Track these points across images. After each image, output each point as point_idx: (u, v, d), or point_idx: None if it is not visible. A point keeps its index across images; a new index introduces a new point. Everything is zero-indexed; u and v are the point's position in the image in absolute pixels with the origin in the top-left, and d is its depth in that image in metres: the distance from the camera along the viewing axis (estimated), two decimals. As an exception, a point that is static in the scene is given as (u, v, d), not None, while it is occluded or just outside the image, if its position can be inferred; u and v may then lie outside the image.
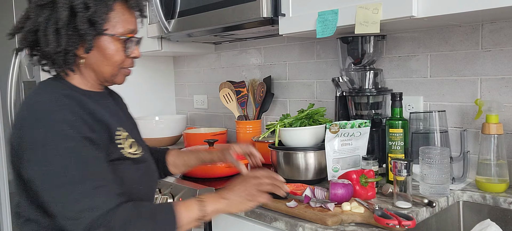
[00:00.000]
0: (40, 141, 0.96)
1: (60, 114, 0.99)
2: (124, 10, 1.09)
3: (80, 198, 0.95)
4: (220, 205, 1.10)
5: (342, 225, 1.16)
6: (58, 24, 1.02)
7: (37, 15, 1.03)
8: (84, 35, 1.03)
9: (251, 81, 2.22)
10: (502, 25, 1.45)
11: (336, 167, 1.49)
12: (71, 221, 0.95)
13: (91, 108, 1.06)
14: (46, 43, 1.03)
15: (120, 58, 1.10)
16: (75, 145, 0.97)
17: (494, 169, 1.39)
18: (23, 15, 1.07)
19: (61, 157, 0.95)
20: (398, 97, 1.45)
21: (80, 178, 0.96)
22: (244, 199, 1.12)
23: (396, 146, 1.43)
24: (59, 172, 0.95)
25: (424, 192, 1.38)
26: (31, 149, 0.97)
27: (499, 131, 1.38)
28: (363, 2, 1.34)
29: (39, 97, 1.04)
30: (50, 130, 0.97)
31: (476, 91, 1.52)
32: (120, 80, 1.16)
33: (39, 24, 1.03)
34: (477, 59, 1.51)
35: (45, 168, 0.96)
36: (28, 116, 1.00)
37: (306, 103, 2.04)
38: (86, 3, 1.01)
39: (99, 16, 1.02)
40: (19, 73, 2.61)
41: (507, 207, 1.33)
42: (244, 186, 1.13)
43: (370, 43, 1.63)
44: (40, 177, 0.97)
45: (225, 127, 2.48)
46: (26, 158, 0.98)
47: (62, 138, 0.96)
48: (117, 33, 1.07)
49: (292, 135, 1.57)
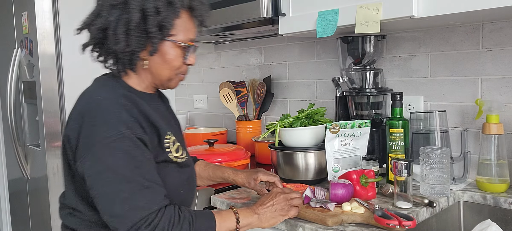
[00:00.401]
0: (97, 138, 0.99)
1: (118, 114, 1.02)
2: (188, 18, 1.12)
3: (128, 197, 0.97)
4: (253, 219, 1.14)
5: (342, 225, 1.16)
6: (129, 25, 1.05)
7: (108, 13, 1.06)
8: (152, 38, 1.06)
9: (251, 81, 2.22)
10: (503, 25, 1.45)
11: (336, 167, 1.49)
12: (116, 218, 0.98)
13: (145, 110, 1.08)
14: (115, 42, 1.06)
15: (179, 64, 1.14)
16: (129, 145, 1.00)
17: (495, 169, 1.38)
18: (93, 12, 1.11)
19: (115, 155, 0.98)
20: (399, 97, 1.45)
21: (130, 177, 0.99)
22: (276, 213, 1.17)
23: (397, 146, 1.43)
24: (111, 170, 0.98)
25: (425, 192, 1.38)
26: (87, 144, 1.00)
27: (500, 131, 1.37)
28: (363, 2, 1.34)
29: (100, 95, 1.07)
30: (108, 128, 0.99)
31: (476, 91, 1.52)
32: (174, 85, 1.19)
33: (110, 23, 1.06)
34: (477, 59, 1.51)
35: (98, 164, 0.99)
36: (88, 112, 1.03)
37: (306, 103, 2.04)
38: (157, 8, 1.05)
39: (168, 22, 1.06)
40: (19, 73, 2.61)
41: (508, 207, 1.33)
42: (275, 201, 1.18)
43: (371, 43, 1.63)
44: (92, 173, 0.99)
45: (225, 127, 2.48)
46: (81, 153, 1.01)
47: (118, 138, 0.99)
48: (179, 40, 1.11)
49: (292, 135, 1.57)
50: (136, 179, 0.99)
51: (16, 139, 2.60)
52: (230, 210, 1.14)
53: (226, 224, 1.10)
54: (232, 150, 1.83)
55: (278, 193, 1.20)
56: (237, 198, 1.43)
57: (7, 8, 2.67)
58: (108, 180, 0.98)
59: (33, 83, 2.45)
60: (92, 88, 1.12)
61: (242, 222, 1.12)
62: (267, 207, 1.17)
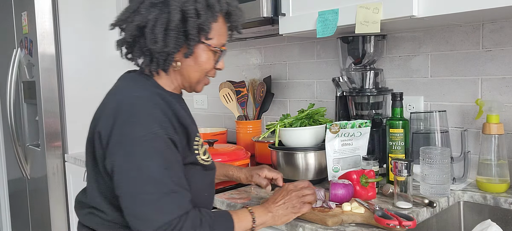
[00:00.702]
0: (130, 136, 0.97)
1: (153, 113, 1.00)
2: (223, 23, 1.13)
3: (155, 200, 0.96)
4: (267, 217, 1.14)
5: (343, 225, 1.16)
6: (168, 25, 1.04)
7: (147, 11, 1.05)
8: (189, 40, 1.06)
9: (251, 81, 2.22)
10: (503, 25, 1.45)
11: (337, 167, 1.49)
12: (140, 220, 0.96)
13: (177, 110, 1.07)
14: (153, 41, 1.04)
15: (209, 67, 1.14)
16: (161, 145, 0.98)
17: (495, 169, 1.38)
18: (130, 8, 1.09)
19: (147, 155, 0.97)
20: (399, 97, 1.45)
21: (160, 179, 0.97)
22: (288, 211, 1.16)
23: (397, 146, 1.43)
24: (141, 170, 0.96)
25: (425, 192, 1.38)
26: (120, 142, 0.98)
27: (500, 131, 1.37)
28: (363, 2, 1.33)
29: (134, 92, 1.05)
30: (142, 127, 0.98)
31: (476, 91, 1.52)
32: (200, 88, 1.19)
33: (148, 21, 1.04)
34: (477, 59, 1.51)
35: (128, 163, 0.97)
36: (122, 110, 1.01)
37: (306, 103, 2.04)
38: (197, 10, 1.04)
39: (206, 25, 1.06)
40: (19, 73, 2.61)
41: (508, 208, 1.33)
42: (287, 198, 1.18)
43: (371, 43, 1.63)
44: (121, 171, 0.98)
45: (225, 127, 2.48)
46: (112, 150, 0.99)
47: (151, 137, 0.97)
48: (213, 44, 1.11)
49: (292, 135, 1.57)
50: (165, 182, 0.98)
51: (16, 139, 2.60)
52: (245, 209, 1.13)
53: (243, 223, 1.09)
54: (232, 150, 1.83)
55: (290, 191, 1.20)
56: (237, 198, 1.43)
57: (7, 8, 2.67)
58: (137, 180, 0.96)
59: (33, 83, 2.45)
60: (123, 86, 1.10)
61: (258, 221, 1.12)
62: (279, 205, 1.17)
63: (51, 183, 2.43)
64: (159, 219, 0.95)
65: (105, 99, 1.09)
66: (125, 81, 1.12)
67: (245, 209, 1.13)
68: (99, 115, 1.06)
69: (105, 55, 2.53)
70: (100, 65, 2.51)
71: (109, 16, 2.67)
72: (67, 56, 2.42)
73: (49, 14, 2.37)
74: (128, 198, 0.98)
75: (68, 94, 2.43)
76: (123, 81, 1.12)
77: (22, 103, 2.66)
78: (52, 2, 2.37)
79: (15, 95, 2.61)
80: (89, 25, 2.48)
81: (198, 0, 1.05)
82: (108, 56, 2.54)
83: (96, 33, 2.50)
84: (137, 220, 0.97)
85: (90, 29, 2.49)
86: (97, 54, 2.51)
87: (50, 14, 2.37)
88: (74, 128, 2.45)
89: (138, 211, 0.96)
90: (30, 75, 2.49)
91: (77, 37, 2.44)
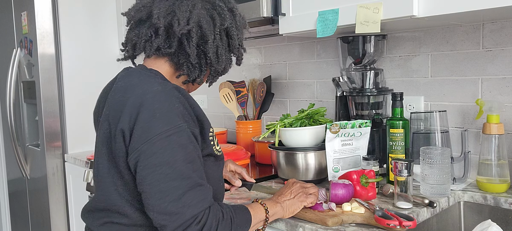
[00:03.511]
0: (155, 130, 0.96)
1: (175, 107, 1.00)
2: None
3: (182, 194, 0.95)
4: (277, 208, 1.17)
5: (343, 225, 1.16)
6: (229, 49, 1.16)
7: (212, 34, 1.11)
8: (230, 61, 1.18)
9: (251, 81, 2.22)
10: (503, 25, 1.45)
11: (337, 167, 1.49)
12: (167, 215, 0.95)
13: (192, 103, 1.07)
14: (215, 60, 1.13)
15: None
16: (185, 139, 0.99)
17: (495, 169, 1.38)
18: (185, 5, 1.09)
19: (172, 150, 0.96)
20: (399, 97, 1.45)
21: (186, 174, 0.97)
22: (295, 201, 1.20)
23: (397, 146, 1.43)
24: (168, 165, 0.96)
25: (425, 192, 1.38)
26: (145, 137, 0.96)
27: (500, 131, 1.37)
28: (363, 2, 1.33)
29: (153, 86, 1.03)
30: (166, 122, 0.97)
31: (477, 91, 1.52)
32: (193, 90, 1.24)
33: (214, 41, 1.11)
34: (478, 59, 1.51)
35: (155, 158, 0.95)
36: (145, 105, 0.99)
37: (306, 103, 2.03)
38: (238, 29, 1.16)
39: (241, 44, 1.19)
40: (18, 73, 2.61)
41: (508, 208, 1.33)
42: (292, 190, 1.23)
43: (371, 43, 1.63)
44: (148, 167, 0.96)
45: (225, 127, 2.48)
46: (136, 146, 0.97)
47: (176, 131, 0.97)
48: None
49: (292, 135, 1.57)
50: (191, 176, 0.98)
51: (15, 139, 2.60)
52: (256, 202, 1.16)
53: (258, 215, 1.12)
54: (232, 150, 1.83)
55: (294, 183, 1.25)
56: (237, 198, 1.43)
57: (7, 8, 2.67)
58: (164, 175, 0.95)
59: (32, 83, 2.45)
60: (138, 81, 1.06)
61: (270, 212, 1.14)
62: (286, 197, 1.21)
63: (51, 183, 2.43)
64: (186, 213, 0.95)
65: (119, 97, 1.05)
66: (137, 76, 1.08)
67: (256, 203, 1.16)
68: (116, 113, 1.03)
69: (105, 55, 2.53)
70: (100, 65, 2.51)
71: (109, 17, 2.69)
72: (67, 56, 2.42)
73: (49, 14, 2.37)
74: (154, 194, 0.96)
75: (68, 94, 2.43)
76: (134, 77, 1.08)
77: (22, 103, 2.66)
78: (52, 2, 2.37)
79: (15, 95, 2.61)
80: (89, 25, 2.48)
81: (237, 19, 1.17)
82: (108, 57, 2.54)
83: (96, 33, 2.50)
84: (163, 216, 0.95)
85: (90, 29, 2.49)
86: (97, 54, 2.51)
87: (50, 14, 2.37)
88: (74, 128, 2.45)
89: (165, 207, 0.95)
90: (30, 75, 2.49)
91: (77, 37, 2.44)
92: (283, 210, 1.18)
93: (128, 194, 1.05)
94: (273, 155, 1.62)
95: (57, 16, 2.38)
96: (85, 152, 2.40)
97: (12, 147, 2.63)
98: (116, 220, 1.08)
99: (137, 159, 0.97)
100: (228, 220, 1.02)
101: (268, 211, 1.14)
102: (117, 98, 1.05)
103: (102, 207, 1.10)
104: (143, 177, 0.97)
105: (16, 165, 2.71)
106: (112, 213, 1.08)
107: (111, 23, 2.56)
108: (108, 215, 1.09)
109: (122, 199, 1.06)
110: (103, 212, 1.10)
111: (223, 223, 1.00)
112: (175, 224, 0.94)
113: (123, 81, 1.09)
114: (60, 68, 2.41)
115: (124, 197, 1.06)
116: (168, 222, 0.95)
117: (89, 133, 2.24)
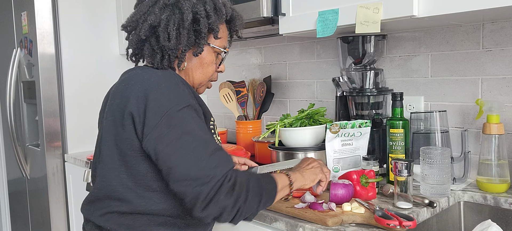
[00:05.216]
0: (168, 106, 1.01)
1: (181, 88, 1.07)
2: (226, 28, 1.23)
3: (208, 158, 1.00)
4: (297, 175, 1.21)
5: (343, 225, 1.16)
6: (181, 24, 1.11)
7: (160, 12, 1.11)
8: (200, 39, 1.14)
9: (251, 81, 2.22)
10: (503, 25, 1.45)
11: (337, 167, 1.49)
12: (199, 180, 0.98)
13: (194, 92, 1.15)
14: (166, 39, 1.11)
15: (212, 69, 1.23)
16: (194, 114, 1.05)
17: (495, 169, 1.38)
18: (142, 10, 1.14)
19: (189, 121, 1.02)
20: (399, 97, 1.45)
21: (206, 139, 1.03)
22: (314, 171, 1.25)
23: (397, 146, 1.43)
24: (189, 134, 1.01)
25: (425, 192, 1.38)
26: (159, 114, 1.01)
27: (500, 131, 1.37)
28: (363, 2, 1.33)
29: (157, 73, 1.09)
30: (176, 100, 1.03)
31: (477, 91, 1.52)
32: (202, 90, 1.27)
33: (162, 21, 1.11)
34: (478, 59, 1.51)
35: (174, 131, 1.00)
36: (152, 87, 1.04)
37: (306, 103, 2.03)
38: (207, 12, 1.13)
39: (216, 26, 1.15)
40: (18, 73, 2.61)
41: (508, 208, 1.33)
42: (311, 162, 1.29)
43: (371, 43, 1.63)
44: (170, 141, 1.00)
45: (225, 127, 2.48)
46: (152, 124, 1.01)
47: (187, 105, 1.03)
48: (218, 46, 1.20)
49: (292, 135, 1.57)
50: (211, 141, 1.04)
51: (15, 139, 2.60)
52: (280, 172, 1.20)
53: (282, 181, 1.15)
54: (232, 150, 1.83)
55: (312, 159, 1.31)
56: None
57: (7, 8, 2.67)
58: (188, 144, 0.99)
59: (32, 83, 2.45)
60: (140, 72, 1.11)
61: (292, 177, 1.18)
62: (306, 167, 1.26)
63: (51, 183, 2.43)
64: (217, 173, 0.98)
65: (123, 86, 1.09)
66: (140, 69, 1.13)
67: (281, 173, 1.20)
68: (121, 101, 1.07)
69: (105, 55, 2.53)
70: (100, 65, 2.51)
71: (109, 17, 2.69)
72: (67, 56, 2.42)
73: (49, 14, 2.37)
74: (182, 165, 0.99)
75: (68, 94, 2.43)
76: (137, 70, 1.13)
77: (22, 103, 2.66)
78: (52, 2, 2.37)
79: (15, 95, 2.61)
80: (89, 26, 2.48)
81: (207, 3, 1.14)
82: (108, 57, 2.54)
83: (96, 33, 2.50)
84: (195, 183, 0.98)
85: (90, 29, 2.49)
86: (97, 54, 2.51)
87: (50, 14, 2.37)
88: (74, 128, 2.45)
89: (194, 173, 0.98)
90: (30, 75, 2.49)
91: (77, 37, 2.44)
92: (304, 178, 1.22)
93: (131, 181, 1.07)
94: (273, 155, 1.62)
95: (57, 16, 2.38)
96: (85, 152, 2.40)
97: (12, 147, 2.63)
98: (116, 208, 1.10)
99: (157, 137, 1.00)
100: (255, 178, 1.06)
101: (290, 176, 1.18)
102: (121, 89, 1.10)
103: (102, 195, 1.12)
104: (166, 153, 1.00)
105: (16, 165, 2.71)
106: (112, 201, 1.10)
107: (111, 23, 2.55)
108: (108, 204, 1.11)
109: (123, 186, 1.09)
110: (103, 201, 1.12)
111: (251, 179, 1.05)
112: (208, 187, 0.97)
113: (125, 76, 1.14)
114: (60, 68, 2.41)
115: (125, 184, 1.08)
116: (201, 188, 0.97)
117: (89, 133, 2.24)
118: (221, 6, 1.16)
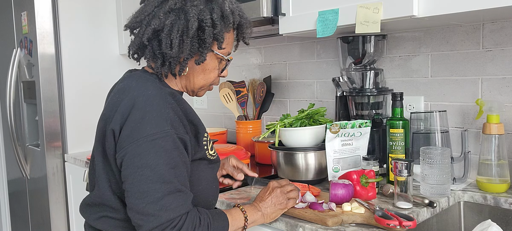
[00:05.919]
0: (142, 132, 1.00)
1: (165, 112, 1.03)
2: (232, 34, 1.19)
3: (160, 197, 0.98)
4: (257, 216, 1.18)
5: (343, 225, 1.15)
6: (185, 32, 1.07)
7: (165, 17, 1.08)
8: (203, 49, 1.10)
9: (251, 81, 2.22)
10: (503, 25, 1.45)
11: (337, 167, 1.49)
12: (144, 216, 0.98)
13: (187, 109, 1.12)
14: (169, 46, 1.07)
15: (215, 75, 1.20)
16: (170, 144, 1.01)
17: (495, 169, 1.38)
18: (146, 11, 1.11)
19: (157, 153, 0.99)
20: (399, 97, 1.45)
21: (167, 178, 1.00)
22: (276, 208, 1.21)
23: (397, 146, 1.43)
24: (150, 167, 0.99)
25: (425, 192, 1.37)
26: (132, 137, 1.00)
27: (500, 131, 1.37)
28: (363, 2, 1.33)
29: (147, 90, 1.06)
30: (154, 125, 1.00)
31: (477, 91, 1.52)
32: (202, 93, 1.24)
33: (165, 26, 1.07)
34: (478, 59, 1.51)
35: (138, 159, 0.99)
36: (136, 107, 1.03)
37: (306, 103, 2.03)
38: (213, 21, 1.09)
39: (221, 35, 1.11)
40: (18, 73, 2.61)
41: (508, 208, 1.33)
42: (273, 195, 1.22)
43: (371, 43, 1.63)
44: (131, 167, 1.00)
45: (225, 127, 2.48)
46: (123, 144, 1.01)
47: (162, 136, 1.00)
48: (222, 53, 1.17)
49: (292, 135, 1.56)
50: (172, 181, 1.00)
51: (15, 139, 2.60)
52: (237, 208, 1.17)
53: (237, 222, 1.13)
54: (232, 150, 1.83)
55: (275, 188, 1.24)
56: (237, 198, 1.43)
57: (7, 8, 2.67)
58: (145, 177, 0.98)
59: (32, 83, 2.45)
60: (134, 84, 1.09)
61: (249, 219, 1.16)
62: (267, 203, 1.20)
63: (51, 183, 2.43)
64: (163, 216, 0.97)
65: (116, 98, 1.09)
66: (135, 79, 1.11)
67: (237, 208, 1.17)
68: (110, 113, 1.07)
69: (105, 55, 2.53)
70: (100, 65, 2.51)
71: (109, 17, 2.69)
72: (67, 56, 2.42)
73: (49, 14, 2.37)
74: (134, 194, 0.99)
75: (68, 94, 2.43)
76: (133, 80, 1.11)
77: (22, 103, 2.66)
78: (52, 2, 2.37)
79: (15, 95, 2.61)
80: (89, 25, 2.48)
81: (214, 11, 1.09)
82: (108, 57, 2.54)
83: (96, 33, 2.50)
84: (140, 216, 0.98)
85: (90, 29, 2.48)
86: (97, 54, 2.51)
87: (50, 14, 2.37)
88: (74, 128, 2.45)
89: (142, 207, 0.98)
90: (30, 75, 2.49)
91: (77, 37, 2.44)
92: (264, 217, 1.19)
93: (119, 191, 1.09)
94: (273, 155, 1.62)
95: (57, 16, 2.38)
96: (85, 152, 2.40)
97: (12, 147, 2.63)
98: (111, 215, 1.12)
99: (122, 158, 1.01)
100: (204, 227, 1.04)
101: (247, 219, 1.15)
102: (114, 100, 1.09)
103: (98, 202, 1.15)
104: (126, 175, 1.01)
105: (16, 165, 2.71)
106: (107, 208, 1.13)
107: (111, 23, 2.55)
108: (104, 210, 1.14)
109: (114, 195, 1.11)
110: (99, 206, 1.15)
111: (199, 228, 1.03)
112: (150, 225, 0.97)
113: (123, 83, 1.13)
114: (60, 68, 2.41)
115: (116, 193, 1.10)
116: (144, 222, 0.98)
117: (89, 133, 2.24)
118: (228, 13, 1.12)
